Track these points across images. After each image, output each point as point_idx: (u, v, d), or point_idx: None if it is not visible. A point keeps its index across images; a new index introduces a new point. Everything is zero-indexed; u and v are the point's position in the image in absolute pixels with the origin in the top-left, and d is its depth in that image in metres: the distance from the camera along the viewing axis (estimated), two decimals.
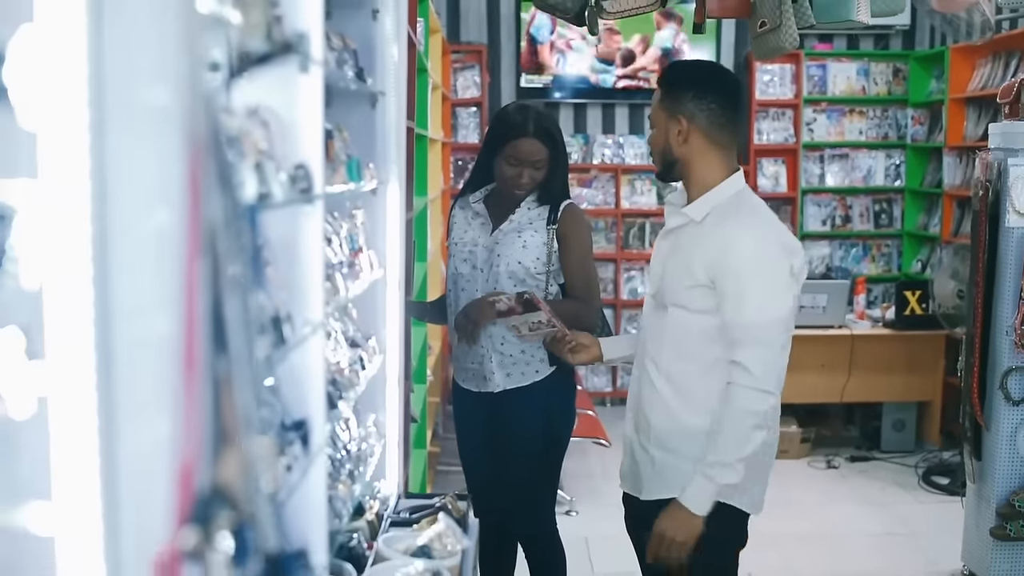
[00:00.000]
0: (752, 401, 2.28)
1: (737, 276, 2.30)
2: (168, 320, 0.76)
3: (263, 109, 1.39)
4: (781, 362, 2.35)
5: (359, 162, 2.00)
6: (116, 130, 0.75)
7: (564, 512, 5.08)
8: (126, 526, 0.75)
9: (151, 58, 0.77)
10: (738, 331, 2.30)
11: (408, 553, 1.87)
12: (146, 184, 0.77)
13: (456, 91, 7.01)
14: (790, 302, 2.35)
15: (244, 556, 0.79)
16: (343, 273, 1.87)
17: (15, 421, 0.70)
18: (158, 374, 0.77)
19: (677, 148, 2.45)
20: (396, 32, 2.31)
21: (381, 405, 2.38)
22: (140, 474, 0.77)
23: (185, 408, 0.75)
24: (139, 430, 0.76)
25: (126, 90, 0.76)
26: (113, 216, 0.75)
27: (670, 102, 2.45)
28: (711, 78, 2.52)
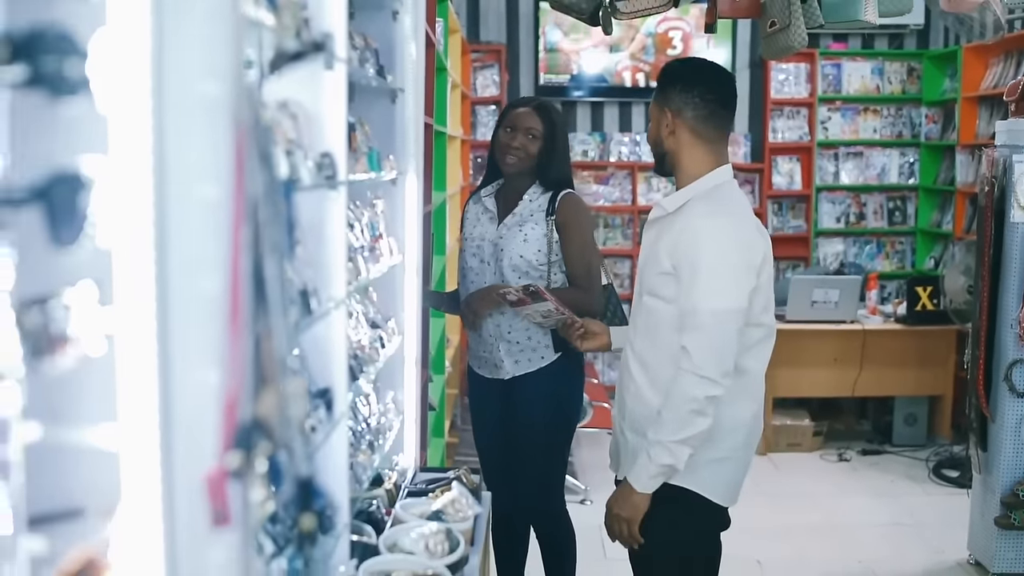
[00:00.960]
0: (691, 385, 2.31)
1: (691, 264, 2.35)
2: (216, 277, 0.90)
3: (292, 103, 1.52)
4: (725, 351, 2.35)
5: (379, 153, 2.13)
6: (173, 115, 0.88)
7: (579, 501, 5.20)
8: (179, 447, 0.88)
9: (202, 56, 0.90)
10: (686, 317, 2.35)
11: (423, 517, 2.01)
12: (198, 161, 0.91)
13: (475, 89, 7.13)
14: (741, 294, 2.36)
15: (278, 478, 0.93)
16: (364, 256, 2.01)
17: (90, 357, 0.83)
18: (208, 322, 0.91)
19: (666, 140, 2.51)
20: (414, 32, 2.44)
21: (399, 383, 2.52)
22: (191, 405, 0.90)
23: (230, 351, 0.89)
24: (190, 368, 0.90)
25: (182, 82, 0.90)
26: (170, 188, 0.88)
27: (661, 96, 2.52)
28: (699, 73, 2.58)
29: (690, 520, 2.50)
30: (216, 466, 0.87)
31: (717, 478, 2.50)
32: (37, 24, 0.73)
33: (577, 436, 5.87)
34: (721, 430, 2.44)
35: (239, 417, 0.89)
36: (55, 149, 0.82)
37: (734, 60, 7.18)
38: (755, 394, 2.54)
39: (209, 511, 0.89)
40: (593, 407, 5.25)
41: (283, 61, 1.10)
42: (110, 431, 0.84)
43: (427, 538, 1.85)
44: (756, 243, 2.44)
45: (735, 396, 2.44)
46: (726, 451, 2.49)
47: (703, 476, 2.46)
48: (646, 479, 2.37)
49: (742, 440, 2.53)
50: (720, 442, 2.46)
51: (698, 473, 2.45)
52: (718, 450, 2.46)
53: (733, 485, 2.56)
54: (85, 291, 0.83)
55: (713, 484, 2.49)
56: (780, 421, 6.08)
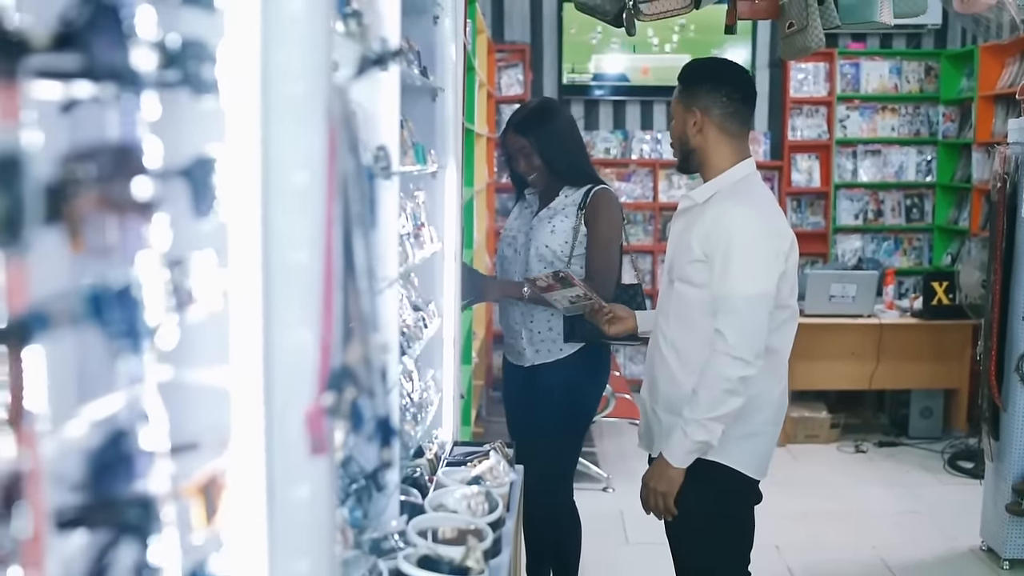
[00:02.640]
0: (725, 366, 2.45)
1: (723, 253, 2.49)
2: (312, 245, 1.06)
3: (354, 101, 1.69)
4: (757, 334, 2.48)
5: (424, 148, 2.30)
6: (277, 110, 1.05)
7: (601, 489, 5.36)
8: (280, 387, 1.05)
9: (300, 61, 1.07)
10: (720, 302, 2.49)
11: (464, 482, 2.18)
12: (297, 148, 1.07)
13: (500, 88, 7.29)
14: (771, 280, 2.50)
15: (362, 418, 1.09)
16: (410, 242, 2.18)
17: (210, 312, 1.00)
18: (305, 284, 1.07)
19: (693, 138, 2.63)
20: (454, 35, 2.61)
21: (438, 363, 2.69)
22: (291, 352, 1.06)
23: (323, 308, 1.05)
24: (290, 322, 1.06)
25: (283, 83, 1.06)
26: (275, 170, 1.05)
27: (686, 96, 2.65)
28: (723, 73, 2.72)
29: (725, 493, 2.64)
30: (314, 404, 1.04)
31: (749, 452, 2.64)
32: (185, 36, 0.90)
33: (600, 426, 6.07)
34: (751, 407, 2.58)
35: (331, 363, 1.05)
36: (195, 137, 0.99)
37: (754, 60, 7.31)
38: (781, 373, 2.68)
39: (308, 442, 1.06)
40: (616, 398, 5.39)
41: (368, 65, 1.27)
42: (223, 371, 1.02)
43: (469, 499, 2.02)
44: (784, 231, 2.59)
45: (763, 375, 2.57)
46: (757, 426, 2.63)
47: (735, 451, 2.60)
48: (681, 454, 2.52)
49: (771, 416, 2.67)
50: (750, 418, 2.60)
51: (731, 448, 2.59)
52: (749, 426, 2.60)
53: (764, 458, 2.70)
54: (207, 256, 1.01)
55: (745, 458, 2.63)
56: (798, 413, 6.19)
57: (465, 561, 1.71)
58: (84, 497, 0.81)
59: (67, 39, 0.70)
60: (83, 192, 0.73)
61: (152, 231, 0.87)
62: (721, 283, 2.49)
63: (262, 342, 1.04)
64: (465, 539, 1.82)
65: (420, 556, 1.72)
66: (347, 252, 1.09)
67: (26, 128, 0.66)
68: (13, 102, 0.66)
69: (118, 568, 0.81)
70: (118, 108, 0.81)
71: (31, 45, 0.66)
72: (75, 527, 0.81)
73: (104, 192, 0.77)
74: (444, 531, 1.87)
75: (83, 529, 0.81)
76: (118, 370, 0.83)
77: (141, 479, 0.87)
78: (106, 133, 0.82)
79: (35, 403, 0.71)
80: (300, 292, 1.06)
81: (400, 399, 2.25)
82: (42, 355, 0.71)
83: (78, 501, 0.81)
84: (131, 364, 0.83)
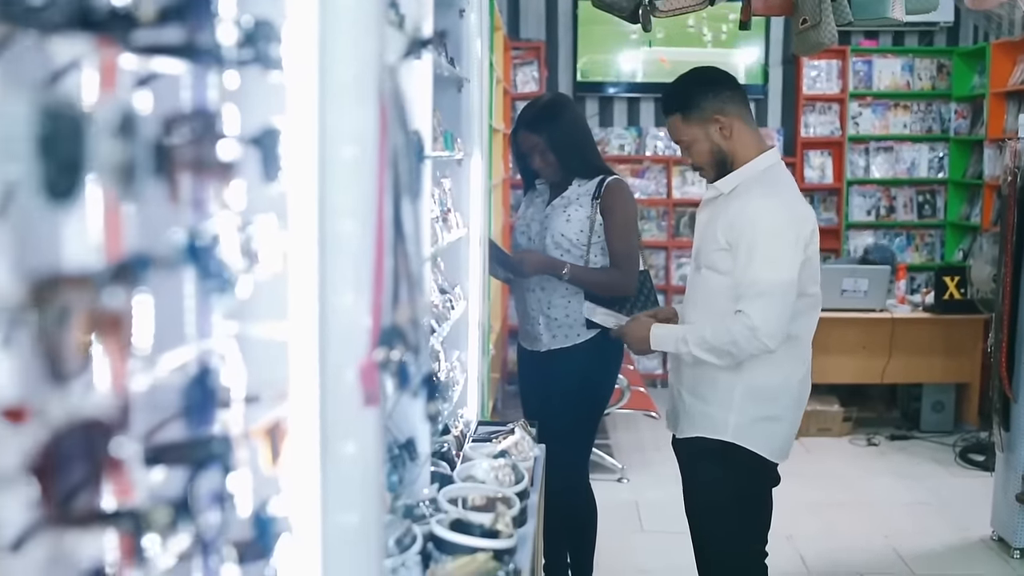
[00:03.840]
0: (744, 338, 2.54)
1: (748, 240, 2.57)
2: (366, 211, 1.15)
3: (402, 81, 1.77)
4: (783, 318, 2.56)
5: (452, 135, 2.39)
6: (334, 87, 1.14)
7: (616, 479, 5.43)
8: (335, 341, 1.14)
9: (354, 45, 1.16)
10: (743, 287, 2.57)
11: (491, 456, 2.26)
12: (352, 121, 1.16)
13: (516, 85, 7.37)
14: (795, 267, 2.57)
15: (408, 374, 1.18)
16: (439, 225, 2.27)
17: (272, 272, 1.09)
18: (358, 248, 1.16)
19: (724, 143, 2.69)
20: (479, 30, 2.70)
21: (464, 345, 2.78)
22: (346, 310, 1.15)
23: (375, 269, 1.14)
24: (345, 282, 1.15)
25: (339, 64, 1.15)
26: (331, 143, 1.13)
27: (696, 114, 2.68)
28: (709, 77, 2.77)
29: (745, 475, 2.73)
30: (367, 358, 1.13)
31: (770, 436, 2.72)
32: (259, 16, 0.99)
33: (614, 418, 6.15)
34: (773, 391, 2.68)
35: (382, 322, 1.14)
36: (264, 109, 1.08)
37: (767, 57, 7.38)
38: (803, 358, 2.76)
39: (361, 393, 1.14)
40: (631, 390, 5.47)
41: (415, 48, 1.36)
42: (280, 325, 1.11)
43: (496, 470, 2.11)
44: (807, 217, 2.67)
45: (785, 359, 2.66)
46: (778, 411, 2.72)
47: (757, 434, 2.69)
48: (660, 345, 2.77)
49: (793, 400, 2.75)
50: (773, 402, 2.69)
51: (752, 432, 2.68)
52: (771, 409, 2.69)
53: (784, 442, 2.78)
54: (270, 220, 1.10)
55: (766, 442, 2.72)
56: (810, 407, 6.18)
57: (495, 525, 1.79)
58: (171, 431, 0.90)
59: (167, 16, 0.78)
60: (179, 152, 0.82)
61: (232, 192, 0.96)
62: (745, 270, 2.57)
63: (318, 302, 1.13)
64: (494, 506, 1.91)
65: (452, 520, 1.81)
66: (397, 220, 1.18)
67: (136, 93, 0.75)
68: (125, 69, 0.75)
69: (202, 494, 0.90)
70: (206, 80, 0.90)
71: (139, 20, 0.75)
72: (163, 459, 0.90)
73: (195, 154, 0.86)
74: (474, 499, 1.96)
75: (170, 460, 0.90)
76: (201, 316, 0.92)
77: (219, 418, 0.96)
78: (195, 101, 0.91)
79: (139, 341, 0.79)
80: (353, 255, 1.15)
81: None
82: (147, 295, 0.80)
83: (166, 435, 0.90)
84: (213, 311, 0.92)
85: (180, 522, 0.84)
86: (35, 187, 0.65)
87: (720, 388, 2.70)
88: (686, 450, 2.86)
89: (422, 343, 1.23)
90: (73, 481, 0.74)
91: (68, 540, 0.76)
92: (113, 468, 0.78)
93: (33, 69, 0.74)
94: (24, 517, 0.73)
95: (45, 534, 0.74)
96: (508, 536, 1.79)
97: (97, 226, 0.74)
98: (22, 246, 0.70)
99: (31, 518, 0.73)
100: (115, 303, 0.75)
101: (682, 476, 3.00)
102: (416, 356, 1.18)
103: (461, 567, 1.67)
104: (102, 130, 0.69)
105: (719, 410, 2.70)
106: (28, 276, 0.69)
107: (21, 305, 0.66)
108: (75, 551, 0.77)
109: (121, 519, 0.78)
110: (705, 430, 2.75)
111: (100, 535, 0.78)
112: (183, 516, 0.84)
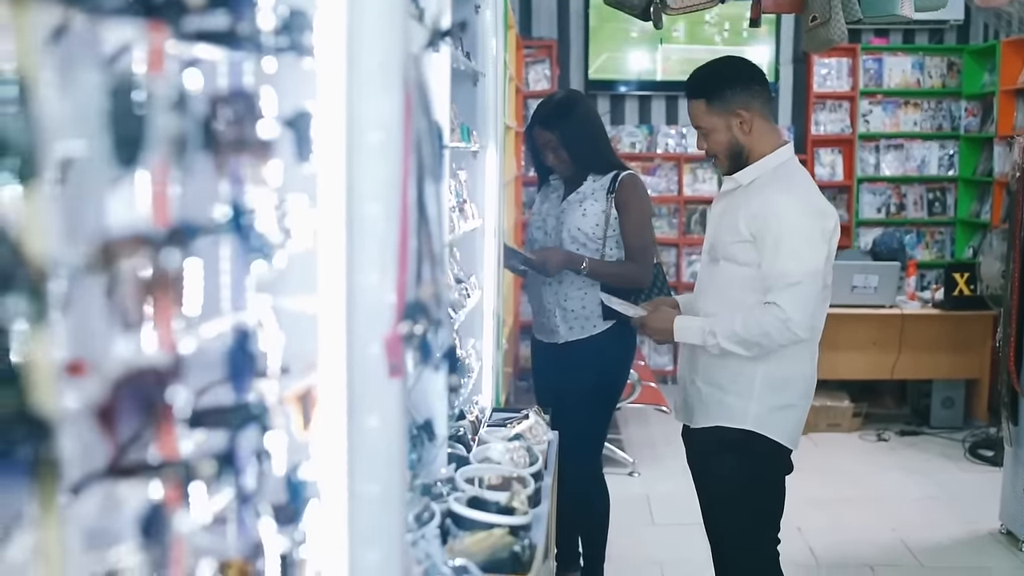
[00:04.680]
0: (775, 328, 2.59)
1: (774, 233, 2.61)
2: (391, 192, 1.21)
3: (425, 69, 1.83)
4: (810, 306, 2.62)
5: (468, 128, 2.46)
6: (361, 75, 1.20)
7: (627, 473, 5.48)
8: (362, 314, 1.20)
9: (379, 35, 1.22)
10: (772, 279, 2.62)
11: (505, 439, 2.33)
12: (378, 108, 1.22)
13: (528, 84, 7.43)
14: (820, 257, 2.63)
15: (430, 348, 1.24)
16: (456, 215, 2.33)
17: (303, 248, 1.16)
18: (384, 227, 1.22)
19: (743, 138, 2.74)
20: (495, 28, 2.77)
21: (479, 333, 2.84)
22: (371, 288, 1.21)
23: (400, 249, 1.20)
24: (371, 259, 1.21)
25: (366, 53, 1.21)
26: (358, 127, 1.19)
27: (719, 104, 2.73)
28: (740, 69, 2.82)
29: (760, 461, 2.80)
30: (392, 331, 1.19)
31: (784, 423, 2.79)
32: (293, 6, 1.05)
33: (625, 413, 6.20)
34: (787, 380, 2.75)
35: (406, 297, 1.20)
36: (298, 93, 1.14)
37: (778, 55, 7.42)
38: (814, 349, 2.83)
39: (386, 365, 1.20)
40: (642, 385, 5.52)
41: (437, 38, 1.42)
42: (310, 299, 1.17)
43: (511, 452, 2.17)
44: (828, 211, 2.72)
45: (801, 349, 2.73)
46: (792, 399, 2.78)
47: (772, 422, 2.75)
48: (684, 336, 2.78)
49: (804, 389, 2.82)
50: (787, 391, 2.76)
51: (771, 420, 2.75)
52: (784, 398, 2.76)
53: (796, 429, 2.85)
54: (301, 200, 1.16)
55: (781, 429, 2.78)
56: (820, 402, 6.26)
57: (510, 503, 1.85)
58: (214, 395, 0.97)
59: (214, 2, 0.85)
60: (224, 129, 0.89)
61: (269, 170, 1.02)
62: (773, 263, 2.61)
63: (345, 278, 1.19)
64: (510, 485, 1.97)
65: (469, 498, 1.87)
66: (420, 201, 1.24)
67: (187, 73, 0.81)
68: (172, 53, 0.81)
69: (242, 451, 0.96)
70: (246, 64, 0.96)
71: (188, 6, 0.81)
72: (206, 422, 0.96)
73: (237, 133, 0.92)
74: (489, 478, 2.03)
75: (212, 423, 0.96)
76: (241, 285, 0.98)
77: (256, 384, 1.02)
78: (237, 84, 0.98)
79: (188, 304, 0.86)
80: (379, 234, 1.21)
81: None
82: (195, 260, 0.86)
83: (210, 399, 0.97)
84: (252, 281, 0.98)
85: (223, 475, 0.91)
86: (99, 157, 0.71)
87: (739, 377, 2.75)
88: (701, 440, 2.91)
89: (444, 318, 1.29)
90: (129, 431, 0.80)
91: (122, 487, 0.82)
92: (165, 420, 0.84)
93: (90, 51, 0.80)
94: (84, 464, 0.79)
95: (102, 480, 0.80)
96: (523, 513, 1.85)
97: (153, 194, 0.80)
98: (84, 211, 0.76)
99: (90, 465, 0.79)
100: (169, 265, 0.81)
101: (693, 467, 3.05)
102: (438, 330, 1.24)
103: (478, 542, 1.73)
104: (159, 107, 0.76)
105: (738, 399, 2.76)
106: (90, 237, 0.75)
107: (83, 265, 0.72)
108: (127, 497, 0.84)
109: (170, 469, 0.85)
110: (723, 419, 2.80)
111: (151, 482, 0.84)
112: (226, 469, 0.90)
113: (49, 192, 0.64)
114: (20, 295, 0.61)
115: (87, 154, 0.75)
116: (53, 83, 0.66)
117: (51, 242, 0.67)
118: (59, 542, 0.73)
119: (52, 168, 0.65)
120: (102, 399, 0.80)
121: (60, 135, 0.67)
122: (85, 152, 0.75)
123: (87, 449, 0.80)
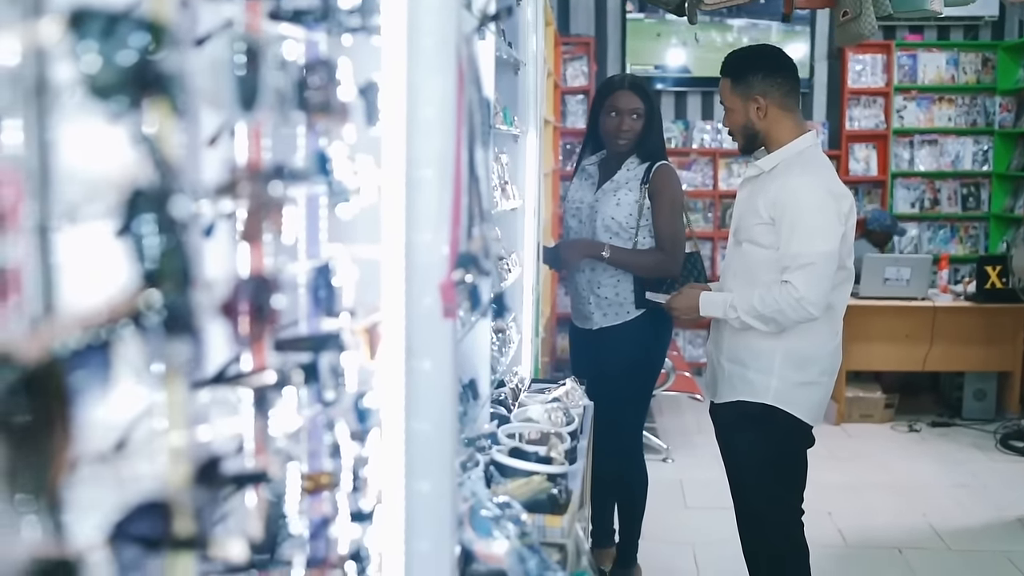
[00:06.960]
0: (788, 305, 2.72)
1: (791, 215, 2.75)
2: (445, 156, 1.37)
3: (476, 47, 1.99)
4: (825, 287, 2.75)
5: (510, 112, 2.62)
6: (419, 53, 1.37)
7: (661, 459, 5.61)
8: (419, 263, 1.37)
9: (435, 17, 1.40)
10: (788, 259, 2.75)
11: (544, 402, 2.49)
12: (433, 79, 1.38)
13: (565, 80, 7.59)
14: (835, 239, 2.76)
15: (479, 296, 1.40)
16: (498, 193, 2.50)
17: (371, 200, 1.33)
18: (439, 186, 1.38)
19: (758, 123, 2.89)
20: (535, 23, 2.93)
21: (519, 307, 3.01)
22: (428, 244, 1.37)
23: (453, 208, 1.37)
24: (428, 214, 1.38)
25: (423, 34, 1.38)
26: (416, 95, 1.37)
27: (742, 87, 2.88)
28: (770, 58, 2.96)
29: (783, 436, 2.93)
30: (446, 277, 1.35)
31: (806, 400, 2.92)
32: None
33: (659, 401, 6.33)
34: (809, 358, 2.88)
35: (459, 248, 1.36)
36: (368, 66, 1.31)
37: (813, 51, 7.51)
38: (837, 328, 2.96)
39: (441, 307, 1.36)
40: (676, 374, 5.65)
41: (485, 21, 1.59)
42: (373, 248, 1.34)
43: (550, 412, 2.33)
44: (844, 193, 2.86)
45: (820, 328, 2.86)
46: (813, 376, 2.91)
47: (794, 398, 2.89)
48: (709, 310, 2.94)
49: (827, 367, 2.95)
50: (809, 368, 2.89)
51: (790, 396, 2.88)
52: (806, 375, 2.89)
53: (818, 406, 2.98)
54: (367, 159, 1.33)
55: (803, 405, 2.91)
56: (853, 393, 6.37)
57: (549, 454, 2.01)
58: (295, 323, 1.13)
59: None
60: (313, 92, 1.06)
61: (347, 129, 1.19)
62: (789, 243, 2.75)
63: (404, 233, 1.36)
64: (548, 440, 2.13)
65: (511, 449, 2.03)
66: (471, 163, 1.40)
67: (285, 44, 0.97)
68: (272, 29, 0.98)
69: (323, 369, 1.13)
70: (329, 37, 1.13)
71: None
72: (290, 345, 1.13)
73: (323, 96, 1.09)
74: (529, 434, 2.19)
75: (297, 345, 1.14)
76: (324, 224, 1.15)
77: (334, 314, 1.19)
78: (322, 55, 1.15)
79: (287, 233, 1.03)
80: (435, 192, 1.38)
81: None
82: (286, 203, 1.03)
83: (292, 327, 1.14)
84: (332, 223, 1.15)
85: (310, 382, 1.07)
86: (230, 101, 0.88)
87: (761, 355, 2.89)
88: (724, 414, 3.05)
89: (492, 269, 1.45)
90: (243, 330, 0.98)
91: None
92: (270, 323, 1.02)
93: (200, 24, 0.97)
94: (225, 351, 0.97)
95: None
96: (560, 463, 2.01)
97: (261, 139, 0.97)
98: (208, 149, 0.94)
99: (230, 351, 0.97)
100: (275, 195, 0.98)
101: (719, 439, 3.19)
102: (486, 279, 1.40)
103: (519, 487, 1.89)
104: (270, 66, 0.93)
105: (759, 375, 2.89)
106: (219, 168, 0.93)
107: (214, 190, 0.90)
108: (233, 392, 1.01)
109: (265, 375, 1.02)
110: (745, 394, 2.94)
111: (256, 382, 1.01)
112: (312, 378, 1.07)
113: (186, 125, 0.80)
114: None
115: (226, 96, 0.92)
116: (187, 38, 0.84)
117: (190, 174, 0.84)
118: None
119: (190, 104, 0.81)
120: (228, 300, 0.97)
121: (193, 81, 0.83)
122: (224, 93, 0.91)
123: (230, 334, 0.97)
